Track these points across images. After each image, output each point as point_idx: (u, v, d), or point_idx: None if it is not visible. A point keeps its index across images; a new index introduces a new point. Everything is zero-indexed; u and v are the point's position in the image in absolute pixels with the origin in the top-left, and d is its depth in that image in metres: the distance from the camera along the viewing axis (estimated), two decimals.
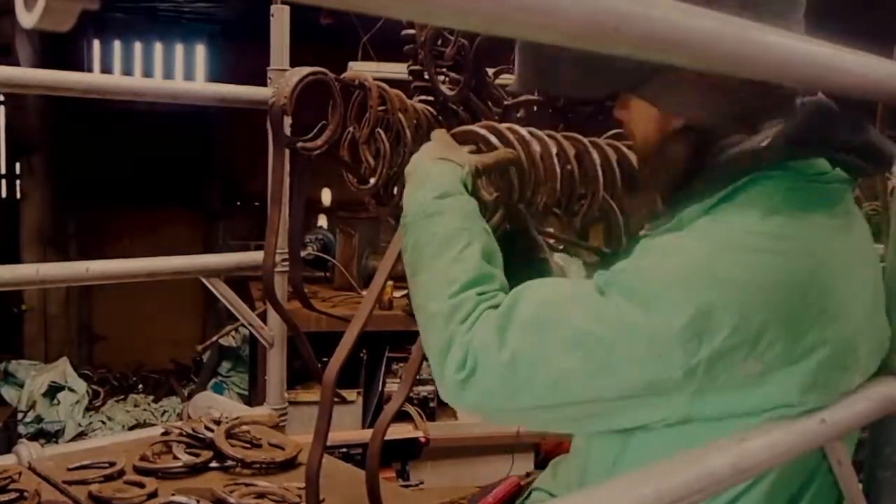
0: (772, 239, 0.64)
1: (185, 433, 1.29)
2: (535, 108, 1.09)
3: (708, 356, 0.60)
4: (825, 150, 0.66)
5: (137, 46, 5.01)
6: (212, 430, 1.28)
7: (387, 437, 0.98)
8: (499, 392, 0.65)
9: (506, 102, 1.11)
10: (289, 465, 1.24)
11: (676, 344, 0.60)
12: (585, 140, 0.97)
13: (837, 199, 0.69)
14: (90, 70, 4.75)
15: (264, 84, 1.51)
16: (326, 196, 3.50)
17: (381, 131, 1.12)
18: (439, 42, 1.11)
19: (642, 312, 0.62)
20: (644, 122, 0.73)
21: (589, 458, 0.75)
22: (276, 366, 1.60)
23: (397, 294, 2.74)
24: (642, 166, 0.77)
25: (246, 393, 3.65)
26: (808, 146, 0.66)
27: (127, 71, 4.91)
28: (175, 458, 1.23)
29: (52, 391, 3.89)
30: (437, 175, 0.79)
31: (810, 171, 0.68)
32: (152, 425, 3.28)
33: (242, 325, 1.66)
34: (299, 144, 1.15)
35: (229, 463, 1.23)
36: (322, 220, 3.48)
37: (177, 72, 5.07)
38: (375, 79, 1.15)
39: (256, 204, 4.53)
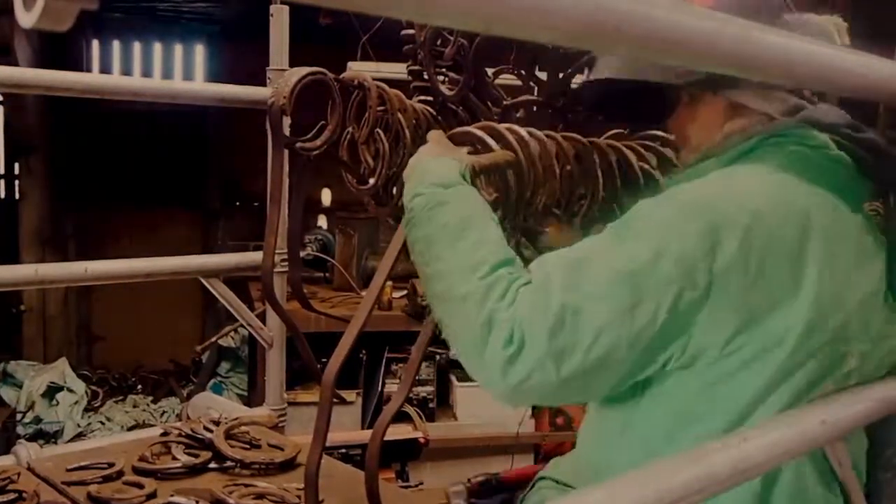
0: (774, 185, 0.71)
1: (184, 434, 1.28)
2: (535, 109, 1.09)
3: (723, 267, 0.65)
4: (829, 131, 0.74)
5: (136, 46, 5.00)
6: (211, 431, 1.28)
7: (386, 438, 0.98)
8: (548, 359, 0.66)
9: (505, 102, 1.10)
10: (288, 465, 1.24)
11: (698, 257, 0.65)
12: (585, 140, 0.97)
13: (839, 178, 0.74)
14: (89, 70, 4.75)
15: (263, 84, 1.51)
16: (326, 196, 3.50)
17: (380, 131, 1.11)
18: (439, 42, 1.11)
19: (664, 237, 0.67)
20: (709, 116, 0.80)
21: (601, 429, 0.77)
22: (275, 366, 1.60)
23: (397, 294, 2.74)
24: (693, 159, 0.82)
25: (245, 393, 3.65)
26: (814, 124, 0.74)
27: (126, 71, 4.90)
28: (174, 458, 1.23)
29: (51, 392, 3.88)
30: (436, 169, 0.79)
31: (813, 142, 0.75)
32: (151, 426, 3.28)
33: (241, 325, 1.66)
34: (298, 144, 1.15)
35: (228, 464, 1.23)
36: (322, 221, 3.48)
37: (176, 72, 5.06)
38: (375, 79, 1.15)
39: (255, 204, 4.52)
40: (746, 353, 0.66)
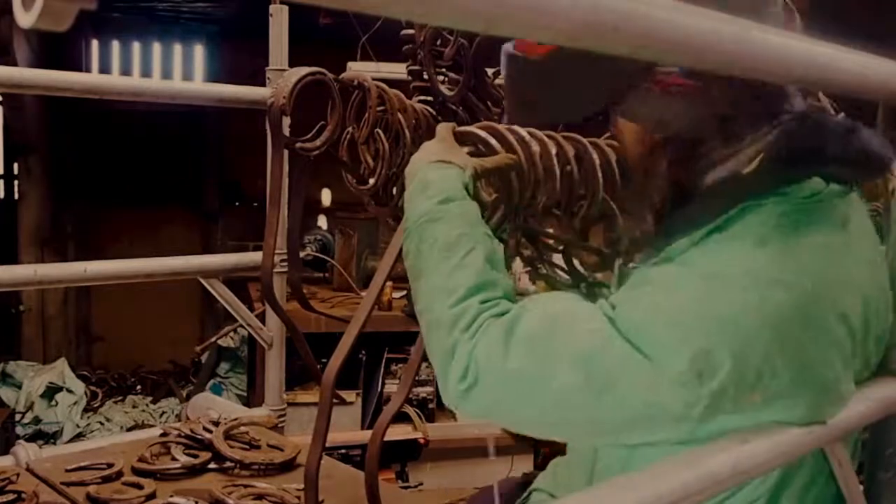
0: (766, 271, 0.62)
1: (183, 434, 1.28)
2: None
3: (709, 394, 0.60)
4: (816, 166, 0.64)
5: (136, 46, 5.00)
6: (210, 432, 1.27)
7: (386, 439, 0.98)
8: (501, 404, 0.65)
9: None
10: (288, 466, 1.24)
11: (677, 384, 0.60)
12: (585, 140, 0.97)
13: (834, 214, 0.67)
14: (88, 70, 4.74)
15: (263, 84, 1.51)
16: (326, 197, 3.50)
17: (380, 131, 1.11)
18: (438, 42, 1.11)
19: (641, 353, 0.61)
20: (630, 141, 0.73)
21: (597, 463, 0.75)
22: (274, 367, 1.60)
23: (396, 295, 2.74)
24: (635, 186, 0.76)
25: (244, 394, 3.65)
26: (798, 166, 0.64)
27: (125, 71, 4.90)
28: (173, 459, 1.22)
29: (50, 392, 3.88)
30: (438, 179, 0.78)
31: (802, 193, 0.65)
32: (151, 426, 3.27)
33: (241, 325, 1.66)
34: (298, 145, 1.15)
35: (228, 464, 1.23)
36: (322, 221, 3.48)
37: (175, 72, 5.06)
38: (374, 79, 1.15)
39: (255, 204, 4.52)
40: (752, 425, 0.62)
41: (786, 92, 0.69)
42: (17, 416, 3.76)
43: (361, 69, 1.85)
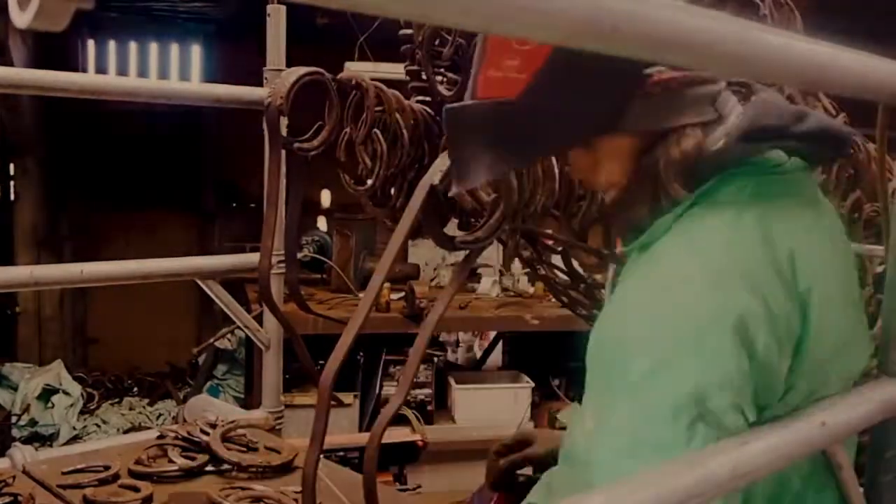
0: (756, 229, 0.63)
1: (180, 436, 1.28)
2: None
3: (759, 364, 0.60)
4: (776, 142, 0.67)
5: (132, 46, 4.99)
6: (207, 434, 1.27)
7: (384, 441, 0.98)
8: None
9: None
10: (285, 468, 1.23)
11: (734, 369, 0.60)
12: None
13: (800, 188, 0.70)
14: (85, 70, 4.73)
15: (260, 84, 1.51)
16: (326, 198, 3.49)
17: (378, 132, 1.11)
18: (437, 42, 1.11)
19: (669, 364, 0.60)
20: (619, 155, 0.70)
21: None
22: (272, 368, 1.59)
23: (394, 296, 2.74)
24: (618, 198, 0.73)
25: (242, 396, 3.64)
26: (759, 141, 0.67)
27: (122, 71, 4.89)
28: (170, 461, 1.22)
29: (47, 394, 3.87)
30: None
31: (769, 163, 0.68)
32: (147, 428, 3.26)
33: (238, 327, 1.65)
34: (296, 145, 1.14)
35: (225, 467, 1.22)
36: (322, 222, 3.48)
37: (172, 72, 5.05)
38: (372, 79, 1.14)
39: (252, 205, 4.51)
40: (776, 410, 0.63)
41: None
42: (13, 419, 3.75)
43: (359, 69, 1.85)
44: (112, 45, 4.96)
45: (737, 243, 0.63)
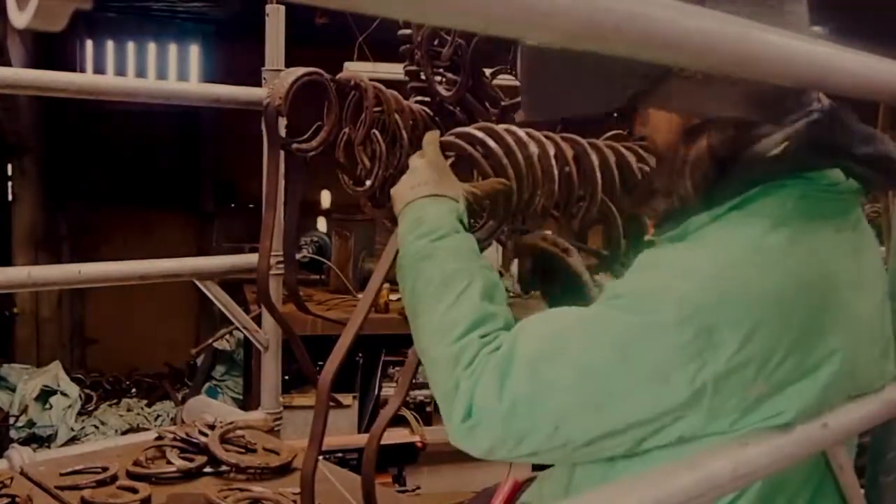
0: (780, 252, 0.62)
1: (178, 438, 1.27)
2: None
3: (713, 377, 0.59)
4: (839, 160, 0.65)
5: (131, 46, 4.98)
6: (206, 435, 1.27)
7: (383, 442, 0.98)
8: (505, 439, 0.65)
9: (503, 103, 1.10)
10: (284, 470, 1.23)
11: (679, 365, 0.59)
12: (584, 141, 0.96)
13: (848, 211, 0.67)
14: (83, 70, 4.72)
15: (259, 85, 1.50)
16: (326, 199, 3.49)
17: (377, 132, 1.11)
18: (436, 42, 1.11)
19: (643, 333, 0.60)
20: (664, 131, 0.71)
21: (573, 479, 0.73)
22: (270, 370, 1.59)
23: (393, 297, 2.73)
24: (664, 175, 0.72)
25: (240, 397, 3.63)
26: (822, 156, 0.65)
27: (120, 71, 4.88)
28: (169, 463, 1.22)
29: (45, 395, 3.86)
30: (431, 216, 0.77)
31: (823, 181, 0.65)
32: (146, 430, 3.25)
33: (237, 328, 1.65)
34: (294, 146, 1.14)
35: (223, 468, 1.22)
36: (322, 223, 3.47)
37: (170, 72, 5.04)
38: (371, 79, 1.14)
39: (251, 206, 4.51)
40: (746, 427, 0.61)
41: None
42: (11, 420, 3.73)
43: (358, 69, 1.84)
44: (110, 46, 4.95)
45: (756, 265, 0.61)
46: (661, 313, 0.60)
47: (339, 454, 1.97)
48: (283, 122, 1.23)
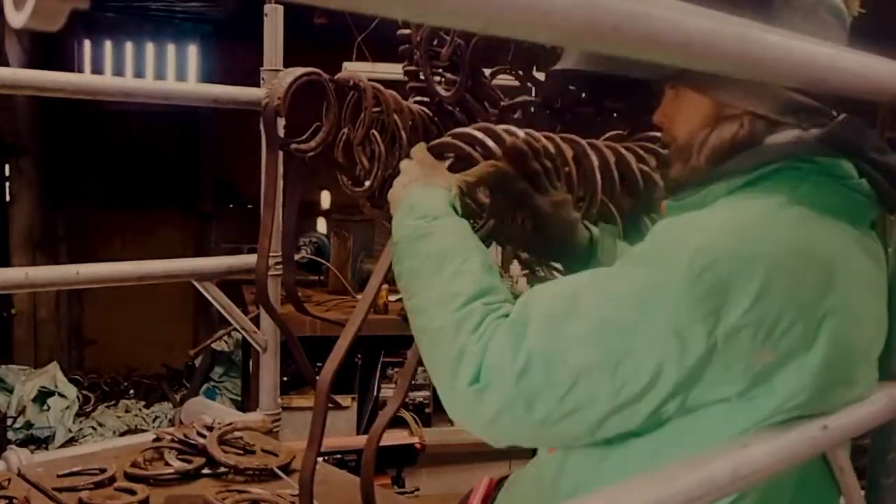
0: (792, 225, 0.63)
1: (176, 439, 1.27)
2: (533, 110, 1.08)
3: (725, 332, 0.59)
4: (854, 156, 0.67)
5: (129, 46, 4.97)
6: (204, 436, 1.26)
7: (382, 444, 0.97)
8: (517, 402, 0.63)
9: (502, 103, 1.10)
10: (282, 471, 1.23)
11: (697, 317, 0.59)
12: (584, 142, 0.96)
13: (861, 211, 0.68)
14: (80, 70, 4.71)
15: (258, 85, 1.50)
16: (326, 199, 3.48)
17: (375, 133, 1.11)
18: (435, 42, 1.10)
19: (661, 287, 0.60)
20: (691, 115, 0.72)
21: (562, 477, 0.72)
22: (269, 371, 1.59)
23: (392, 298, 2.73)
24: (682, 161, 0.74)
25: (239, 398, 3.63)
26: (839, 148, 0.67)
27: (118, 71, 4.87)
28: (167, 464, 1.21)
29: (42, 396, 3.85)
30: (422, 201, 0.77)
31: (837, 171, 0.67)
32: (144, 431, 3.24)
33: (235, 329, 1.64)
34: (293, 146, 1.14)
35: (222, 469, 1.21)
36: (321, 224, 3.46)
37: (169, 72, 5.04)
38: (370, 79, 1.14)
39: (249, 206, 4.50)
40: (751, 400, 0.61)
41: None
42: (9, 421, 3.72)
43: (357, 69, 1.84)
44: (108, 46, 4.94)
45: (770, 227, 0.63)
46: (675, 268, 0.60)
47: (338, 455, 1.97)
48: (281, 122, 1.23)
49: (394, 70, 1.32)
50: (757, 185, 0.66)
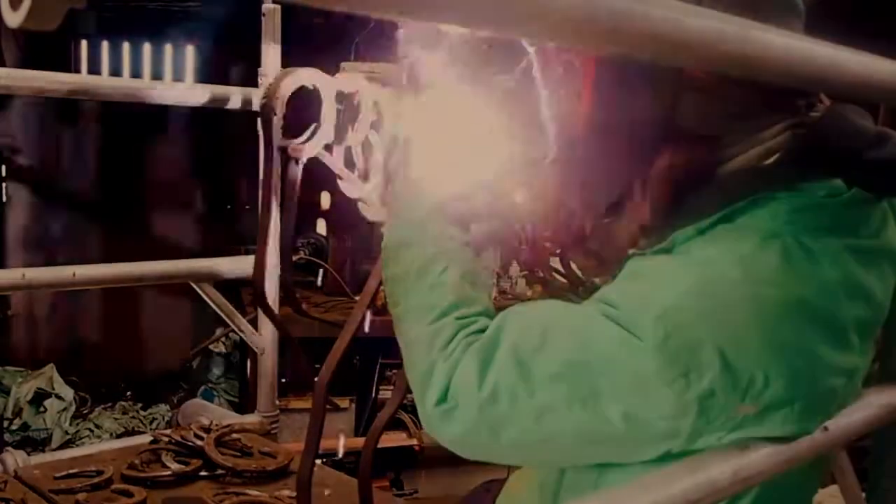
0: (771, 269, 0.58)
1: (174, 441, 1.27)
2: None
3: (698, 396, 0.57)
4: (839, 168, 0.61)
5: (125, 46, 4.96)
6: (201, 438, 1.26)
7: (380, 445, 0.97)
8: (481, 428, 0.62)
9: None
10: (280, 473, 1.23)
11: (663, 383, 0.57)
12: None
13: (854, 224, 0.61)
14: (77, 70, 4.70)
15: (255, 85, 1.50)
16: (325, 200, 3.47)
17: (375, 133, 1.10)
18: None
19: (628, 347, 0.58)
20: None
21: (562, 488, 0.71)
22: (266, 372, 1.58)
23: None
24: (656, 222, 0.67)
25: (236, 400, 3.62)
26: (820, 165, 0.61)
27: (115, 71, 4.86)
28: (164, 466, 1.21)
29: (39, 398, 3.83)
30: (410, 200, 0.77)
31: (821, 191, 0.60)
32: (141, 433, 3.23)
33: (233, 330, 1.64)
34: (291, 146, 1.13)
35: (219, 471, 1.21)
36: (321, 225, 3.46)
37: (166, 72, 5.03)
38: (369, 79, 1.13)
39: (247, 207, 4.49)
40: (735, 440, 0.59)
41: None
42: (5, 423, 3.71)
43: (355, 69, 1.84)
44: (105, 46, 4.93)
45: (742, 282, 0.57)
46: (640, 333, 0.58)
47: (336, 457, 1.96)
48: (279, 122, 1.23)
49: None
50: (731, 220, 0.60)
